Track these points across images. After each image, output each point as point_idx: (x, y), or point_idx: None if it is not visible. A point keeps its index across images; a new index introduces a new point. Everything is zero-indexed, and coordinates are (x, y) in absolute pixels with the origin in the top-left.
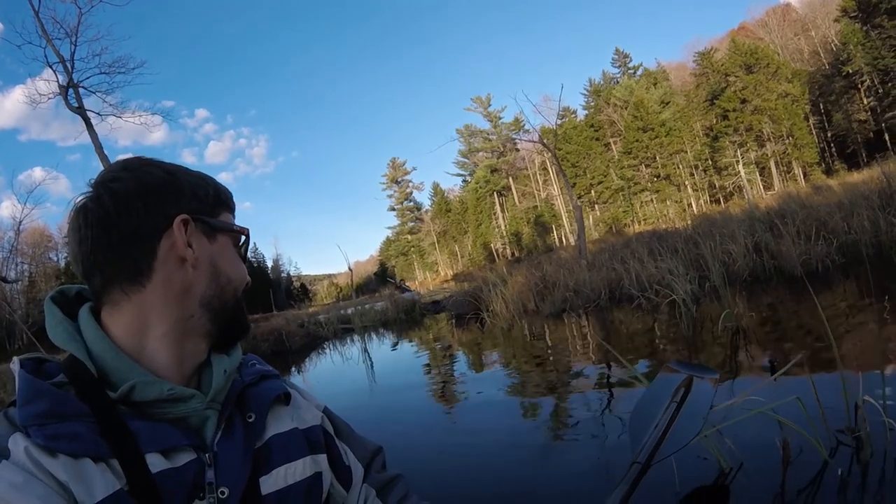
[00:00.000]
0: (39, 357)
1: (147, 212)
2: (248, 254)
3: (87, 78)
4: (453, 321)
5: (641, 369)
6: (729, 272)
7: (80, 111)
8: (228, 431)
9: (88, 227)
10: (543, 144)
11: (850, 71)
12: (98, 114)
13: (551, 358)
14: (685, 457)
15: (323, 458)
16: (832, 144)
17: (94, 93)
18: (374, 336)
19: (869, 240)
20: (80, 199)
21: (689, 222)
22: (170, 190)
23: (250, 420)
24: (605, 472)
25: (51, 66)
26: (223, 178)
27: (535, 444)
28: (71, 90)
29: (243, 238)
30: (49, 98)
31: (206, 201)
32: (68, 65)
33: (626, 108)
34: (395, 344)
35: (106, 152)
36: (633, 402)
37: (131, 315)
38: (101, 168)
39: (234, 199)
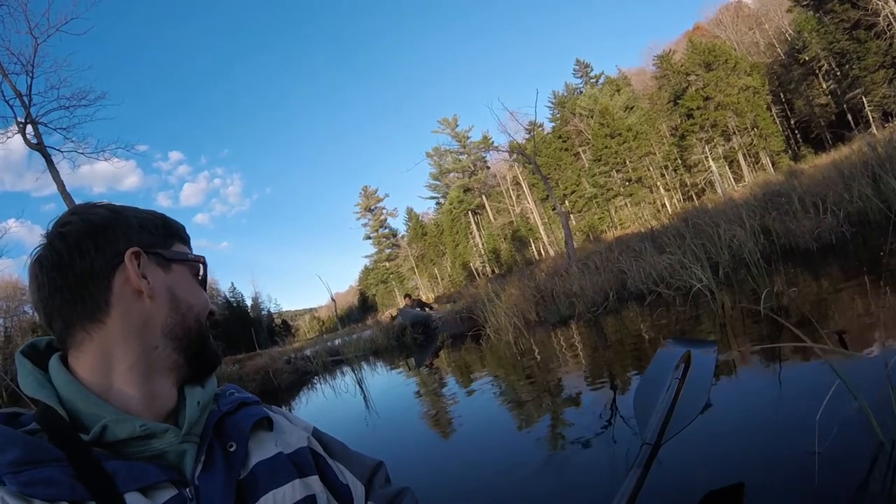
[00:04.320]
0: (15, 411)
1: (98, 250)
2: (228, 294)
3: (46, 113)
4: (449, 342)
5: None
6: (737, 257)
7: (40, 148)
8: (209, 464)
9: (44, 273)
10: (522, 154)
11: (807, 58)
12: (59, 150)
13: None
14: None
15: (314, 479)
16: (797, 131)
17: (55, 129)
18: (365, 366)
19: (875, 206)
20: (35, 251)
21: (675, 218)
22: (118, 227)
23: (231, 449)
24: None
25: (7, 102)
26: (199, 219)
27: (562, 449)
28: (30, 126)
29: (201, 267)
30: (8, 137)
31: (156, 234)
32: (25, 99)
33: (591, 117)
34: (392, 372)
35: (73, 196)
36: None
37: (95, 354)
38: (67, 208)
39: (208, 240)
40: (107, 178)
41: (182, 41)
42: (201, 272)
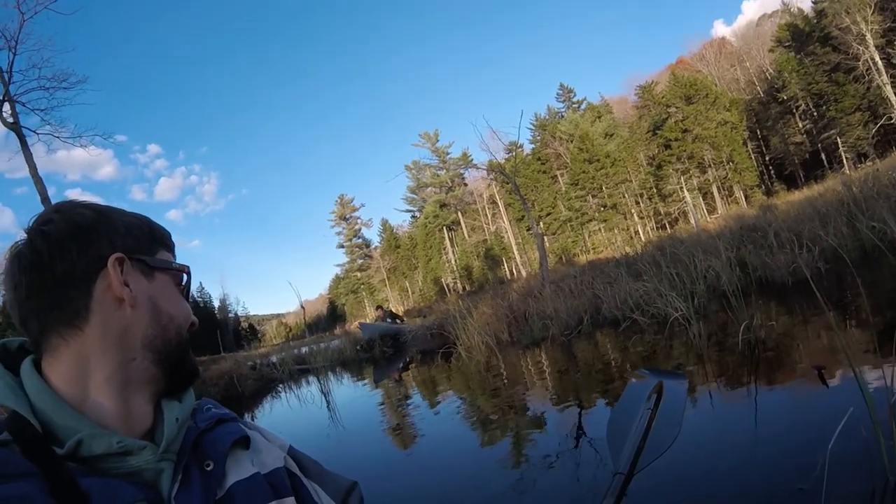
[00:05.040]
0: None
1: (80, 252)
2: (194, 293)
3: (25, 92)
4: (419, 357)
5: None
6: (712, 287)
7: (15, 127)
8: (186, 483)
9: (22, 272)
10: (502, 173)
11: (786, 97)
12: (34, 132)
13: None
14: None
15: (290, 501)
16: (771, 167)
17: (32, 110)
18: (331, 376)
19: (851, 244)
20: (14, 246)
21: (649, 245)
22: (102, 229)
23: (208, 468)
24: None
25: None
26: (172, 215)
27: (528, 471)
28: (7, 104)
29: (185, 276)
30: None
31: (141, 240)
32: (5, 76)
33: (571, 141)
34: (359, 385)
35: (46, 181)
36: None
37: (71, 361)
38: (38, 193)
39: (180, 237)
40: (83, 165)
41: (169, 33)
42: (184, 282)
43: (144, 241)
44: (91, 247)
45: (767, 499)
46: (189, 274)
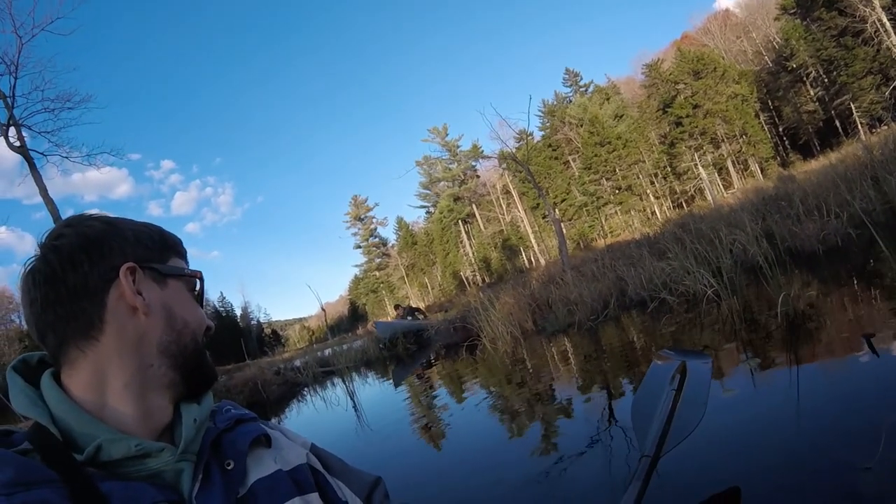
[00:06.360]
0: (7, 429)
1: (92, 264)
2: (216, 303)
3: (30, 115)
4: (443, 352)
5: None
6: (739, 261)
7: (23, 151)
8: (206, 483)
9: (37, 287)
10: (515, 160)
11: (795, 65)
12: (42, 154)
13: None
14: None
15: (314, 497)
16: (785, 138)
17: (39, 133)
18: (356, 377)
19: (881, 207)
20: (28, 263)
21: (669, 224)
22: (113, 240)
23: (229, 468)
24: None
25: None
26: (190, 229)
27: (551, 462)
28: (13, 129)
29: (198, 282)
30: None
31: (152, 248)
32: (8, 100)
33: (581, 126)
34: (385, 384)
35: (65, 205)
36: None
37: (89, 371)
38: (50, 214)
39: (199, 249)
40: (99, 186)
41: (175, 48)
42: (198, 287)
43: (155, 249)
44: (102, 258)
45: (817, 478)
46: (202, 279)
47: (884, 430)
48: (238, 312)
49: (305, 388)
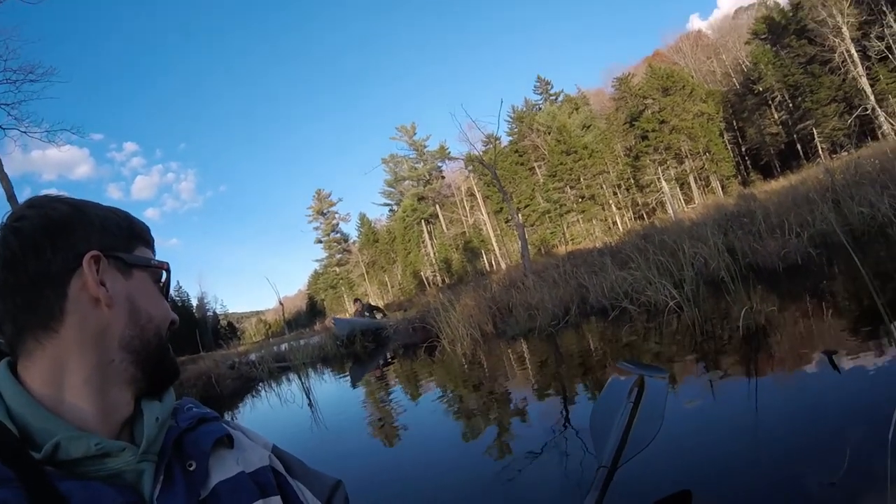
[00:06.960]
0: None
1: (55, 250)
2: (173, 293)
3: None
4: (401, 352)
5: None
6: (700, 274)
7: None
8: (168, 483)
9: None
10: (482, 163)
11: (762, 89)
12: (1, 127)
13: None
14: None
15: (276, 500)
16: (747, 157)
17: None
18: (312, 374)
19: (840, 229)
20: None
21: (631, 234)
22: (78, 225)
23: (191, 468)
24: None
25: None
26: (149, 214)
27: (508, 465)
28: None
29: (164, 274)
30: None
31: (119, 235)
32: None
33: (549, 133)
34: (342, 381)
35: (22, 183)
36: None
37: (47, 364)
38: (3, 191)
39: (158, 236)
40: (58, 165)
41: (145, 29)
42: (164, 279)
43: (122, 238)
44: (66, 244)
45: (774, 489)
46: (168, 271)
47: (848, 446)
48: (194, 303)
49: (260, 384)
